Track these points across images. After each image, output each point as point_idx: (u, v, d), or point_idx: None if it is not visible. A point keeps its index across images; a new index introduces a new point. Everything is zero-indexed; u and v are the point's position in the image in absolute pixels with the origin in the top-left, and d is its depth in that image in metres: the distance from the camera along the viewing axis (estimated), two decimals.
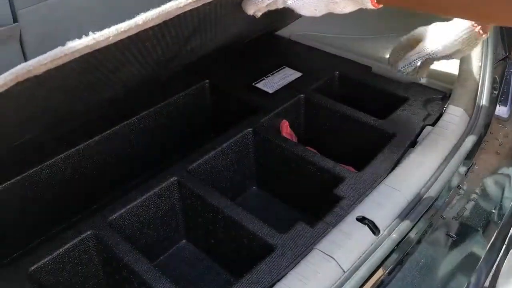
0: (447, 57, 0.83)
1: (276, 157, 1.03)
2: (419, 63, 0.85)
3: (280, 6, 0.72)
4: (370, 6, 0.65)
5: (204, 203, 0.88)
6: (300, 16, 1.24)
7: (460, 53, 0.83)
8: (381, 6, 0.65)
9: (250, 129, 1.03)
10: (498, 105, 1.03)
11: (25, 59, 1.12)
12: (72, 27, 1.17)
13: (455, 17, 0.75)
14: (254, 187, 1.12)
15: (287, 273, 0.72)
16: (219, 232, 0.89)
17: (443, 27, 0.82)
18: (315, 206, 0.97)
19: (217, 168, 1.00)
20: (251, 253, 0.83)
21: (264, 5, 0.72)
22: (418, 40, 0.86)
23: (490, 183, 0.88)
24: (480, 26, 0.79)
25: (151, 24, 0.60)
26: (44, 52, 1.19)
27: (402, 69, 0.87)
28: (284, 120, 1.11)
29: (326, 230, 0.78)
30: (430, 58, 0.83)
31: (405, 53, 0.85)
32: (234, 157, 1.03)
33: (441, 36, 0.82)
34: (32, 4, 1.07)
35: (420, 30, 0.87)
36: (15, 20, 1.06)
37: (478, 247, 0.79)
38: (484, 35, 0.80)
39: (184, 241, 0.99)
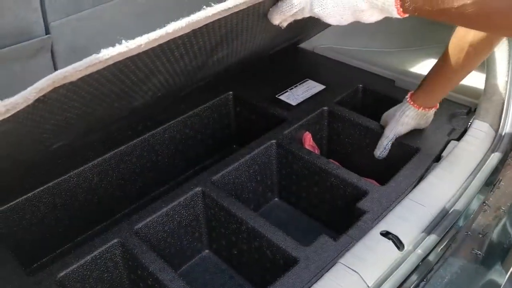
0: (410, 142, 1.00)
1: (299, 169, 1.03)
2: (390, 145, 1.01)
3: (307, 15, 0.73)
4: (396, 15, 0.66)
5: (228, 214, 0.89)
6: (324, 28, 1.26)
7: (420, 126, 1.01)
8: (407, 15, 0.66)
9: (274, 141, 1.04)
10: None
11: (55, 69, 1.16)
12: (103, 39, 1.20)
13: (475, 28, 0.78)
14: (276, 199, 1.12)
15: (310, 286, 0.72)
16: (242, 243, 0.90)
17: (396, 112, 0.99)
18: (338, 219, 0.97)
19: (240, 179, 1.01)
20: (274, 265, 0.83)
21: (290, 14, 0.73)
22: (384, 126, 1.03)
23: None
24: (422, 107, 0.97)
25: (180, 33, 0.62)
26: (74, 63, 1.22)
27: (380, 155, 1.03)
28: (307, 132, 1.12)
29: (349, 244, 0.78)
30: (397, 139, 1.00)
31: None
32: (257, 169, 1.04)
33: (396, 119, 0.99)
34: (64, 16, 1.11)
35: (383, 116, 1.04)
36: (47, 32, 1.09)
37: (504, 264, 0.78)
38: (432, 109, 0.98)
39: (207, 251, 1.00)
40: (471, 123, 1.02)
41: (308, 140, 1.12)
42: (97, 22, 1.16)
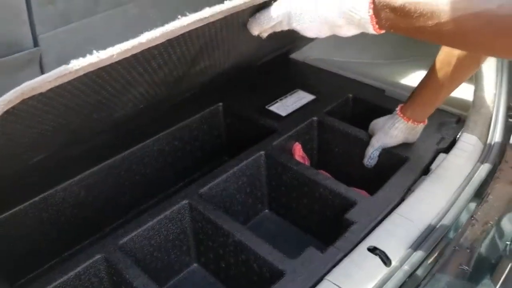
0: (399, 151, 1.01)
1: (288, 180, 1.03)
2: (377, 155, 1.02)
3: (285, 28, 0.74)
4: (372, 31, 0.67)
5: (215, 227, 0.88)
6: (313, 39, 1.26)
7: (407, 140, 1.01)
8: (383, 31, 0.67)
9: (262, 152, 1.03)
10: None
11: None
12: (91, 51, 1.19)
13: (453, 47, 0.78)
14: (266, 210, 1.12)
15: None
16: (229, 256, 0.89)
17: (386, 123, 0.99)
18: (327, 230, 0.96)
19: (229, 191, 1.00)
20: (261, 278, 0.83)
21: (268, 26, 0.73)
22: (371, 135, 1.03)
23: (504, 215, 0.87)
24: (411, 120, 0.96)
25: (155, 43, 0.61)
26: None
27: (367, 163, 1.03)
28: (297, 143, 1.12)
29: (336, 255, 0.78)
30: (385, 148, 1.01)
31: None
32: (246, 180, 1.03)
33: (385, 130, 1.00)
34: (53, 29, 1.10)
35: (371, 125, 1.05)
36: (35, 44, 1.09)
37: (493, 279, 0.78)
38: (421, 124, 0.98)
39: (195, 264, 0.99)
40: (460, 135, 1.02)
41: (298, 151, 1.12)
42: (86, 34, 1.16)
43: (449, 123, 1.08)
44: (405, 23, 0.62)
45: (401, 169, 0.96)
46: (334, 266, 0.76)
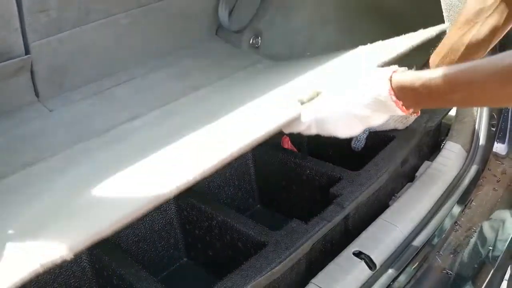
0: (386, 131, 1.02)
1: (275, 169, 1.04)
2: (364, 138, 1.04)
3: (315, 132, 0.73)
4: (401, 113, 0.68)
5: (199, 211, 0.89)
6: None
7: (397, 127, 1.02)
8: (411, 110, 0.68)
9: None
10: (496, 142, 1.04)
11: (35, 89, 1.16)
12: (83, 60, 1.21)
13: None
14: (258, 206, 1.13)
15: (276, 266, 0.71)
16: (215, 240, 0.89)
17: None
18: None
19: (216, 183, 1.01)
20: (247, 258, 0.82)
21: (298, 131, 0.74)
22: None
23: (486, 222, 0.89)
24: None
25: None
26: (54, 82, 1.20)
27: (354, 145, 1.05)
28: (285, 136, 1.13)
29: (320, 224, 0.78)
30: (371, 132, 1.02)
31: None
32: (233, 172, 1.04)
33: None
34: (44, 37, 1.12)
35: None
36: (27, 52, 1.10)
37: (475, 284, 0.79)
38: (414, 114, 0.91)
39: (185, 259, 0.99)
40: (444, 144, 1.04)
41: (286, 143, 1.14)
42: (77, 42, 1.17)
43: None
44: (431, 99, 0.64)
45: (388, 146, 0.96)
46: (316, 234, 0.77)
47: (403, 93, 0.65)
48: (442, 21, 1.01)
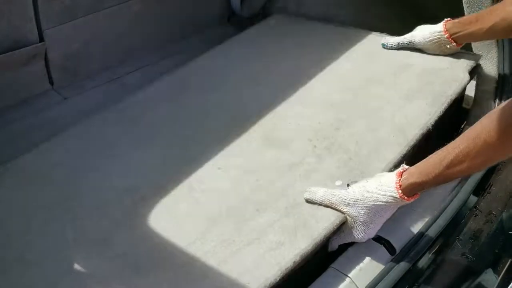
0: (424, 50, 1.08)
1: None
2: (396, 45, 1.11)
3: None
4: (408, 202, 0.73)
5: None
6: None
7: (431, 50, 1.06)
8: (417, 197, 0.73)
9: None
10: None
11: (49, 76, 1.16)
12: (96, 46, 1.21)
13: None
14: None
15: None
16: None
17: (424, 29, 1.06)
18: None
19: None
20: None
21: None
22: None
23: (507, 206, 0.88)
24: (448, 34, 1.01)
25: None
26: (68, 70, 1.21)
27: (386, 45, 1.13)
28: None
29: None
30: (410, 44, 1.10)
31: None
32: None
33: (420, 33, 1.07)
34: (58, 24, 1.12)
35: (417, 28, 1.10)
36: (41, 39, 1.10)
37: (495, 269, 0.79)
38: (454, 44, 1.02)
39: None
40: (462, 129, 1.03)
41: None
42: (90, 29, 1.17)
43: None
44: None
45: None
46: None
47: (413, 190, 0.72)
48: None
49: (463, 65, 1.04)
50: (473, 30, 0.95)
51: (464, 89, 1.03)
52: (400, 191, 0.71)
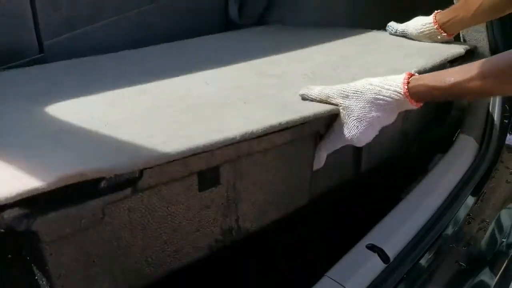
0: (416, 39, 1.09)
1: None
2: (395, 31, 1.12)
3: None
4: (411, 107, 0.70)
5: None
6: None
7: (423, 39, 1.07)
8: (420, 105, 0.70)
9: None
10: (508, 134, 1.04)
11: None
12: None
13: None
14: None
15: None
16: None
17: (418, 20, 1.08)
18: None
19: None
20: None
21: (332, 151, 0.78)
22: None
23: (500, 214, 0.89)
24: (438, 25, 1.02)
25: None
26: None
27: (389, 29, 1.15)
28: None
29: None
30: (404, 34, 1.11)
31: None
32: None
33: (412, 24, 1.09)
34: (58, 35, 1.13)
35: (413, 20, 1.12)
36: (41, 51, 1.11)
37: (488, 276, 0.80)
38: (444, 34, 1.03)
39: None
40: (456, 137, 1.04)
41: None
42: (90, 41, 1.19)
43: None
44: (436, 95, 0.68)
45: None
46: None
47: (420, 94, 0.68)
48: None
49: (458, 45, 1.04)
50: (462, 15, 0.97)
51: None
52: (406, 87, 0.67)
